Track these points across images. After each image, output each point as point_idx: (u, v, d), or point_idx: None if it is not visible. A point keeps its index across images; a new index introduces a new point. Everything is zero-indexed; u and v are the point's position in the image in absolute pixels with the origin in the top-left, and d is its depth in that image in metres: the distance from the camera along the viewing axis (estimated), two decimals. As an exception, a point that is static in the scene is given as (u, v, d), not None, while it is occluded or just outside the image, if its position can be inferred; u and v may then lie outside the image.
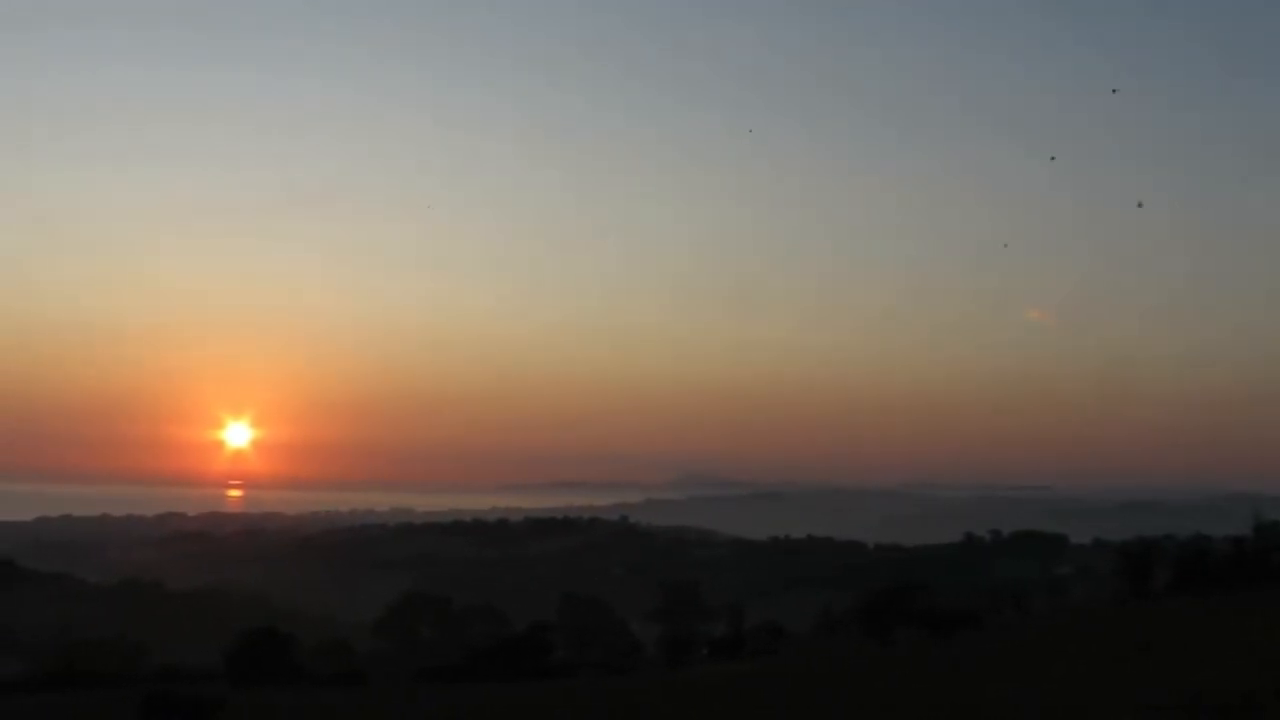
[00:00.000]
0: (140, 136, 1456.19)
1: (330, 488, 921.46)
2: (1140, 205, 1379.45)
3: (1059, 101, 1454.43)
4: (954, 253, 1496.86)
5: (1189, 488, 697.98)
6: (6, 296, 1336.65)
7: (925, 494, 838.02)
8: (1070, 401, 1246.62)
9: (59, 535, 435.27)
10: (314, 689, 69.98)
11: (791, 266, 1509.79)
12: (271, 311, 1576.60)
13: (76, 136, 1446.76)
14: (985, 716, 33.41)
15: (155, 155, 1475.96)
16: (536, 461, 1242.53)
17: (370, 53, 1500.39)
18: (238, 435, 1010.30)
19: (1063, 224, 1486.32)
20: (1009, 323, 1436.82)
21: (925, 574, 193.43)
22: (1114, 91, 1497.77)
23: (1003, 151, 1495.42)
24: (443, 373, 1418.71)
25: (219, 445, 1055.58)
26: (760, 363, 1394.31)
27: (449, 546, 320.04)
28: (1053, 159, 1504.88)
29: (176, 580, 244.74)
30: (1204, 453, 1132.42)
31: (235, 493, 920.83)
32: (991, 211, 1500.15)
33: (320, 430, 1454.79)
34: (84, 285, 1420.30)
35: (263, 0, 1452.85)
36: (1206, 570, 64.50)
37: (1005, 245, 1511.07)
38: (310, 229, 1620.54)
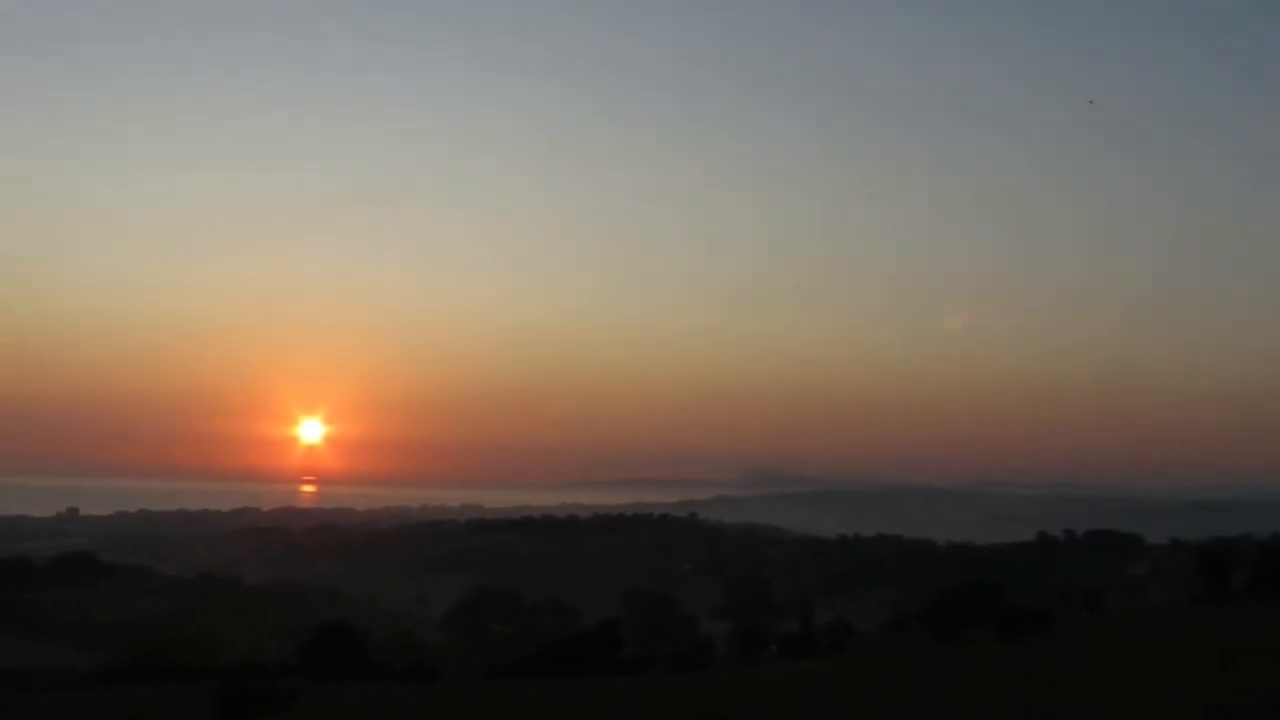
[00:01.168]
0: (213, 135, 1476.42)
1: (401, 484, 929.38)
2: (1091, 102, 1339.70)
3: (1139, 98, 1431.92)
4: (1022, 248, 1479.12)
5: (1267, 486, 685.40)
6: (85, 296, 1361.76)
7: (996, 492, 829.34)
8: (1145, 399, 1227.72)
9: (137, 529, 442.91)
10: (385, 684, 70.66)
11: (859, 263, 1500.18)
12: (344, 308, 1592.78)
13: (150, 136, 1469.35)
14: (1059, 719, 33.04)
15: (227, 153, 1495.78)
16: (605, 459, 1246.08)
17: (433, 50, 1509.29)
18: (311, 431, 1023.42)
19: (1140, 220, 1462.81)
20: (1081, 320, 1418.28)
21: (996, 573, 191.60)
22: (1090, 102, 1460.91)
23: (1068, 148, 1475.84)
24: (514, 370, 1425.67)
25: (293, 441, 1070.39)
26: (830, 359, 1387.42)
27: (518, 543, 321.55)
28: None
29: (251, 574, 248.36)
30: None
31: (308, 488, 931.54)
32: (1065, 210, 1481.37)
33: (392, 427, 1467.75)
34: (161, 284, 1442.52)
35: (325, 1, 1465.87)
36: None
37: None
38: (382, 226, 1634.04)
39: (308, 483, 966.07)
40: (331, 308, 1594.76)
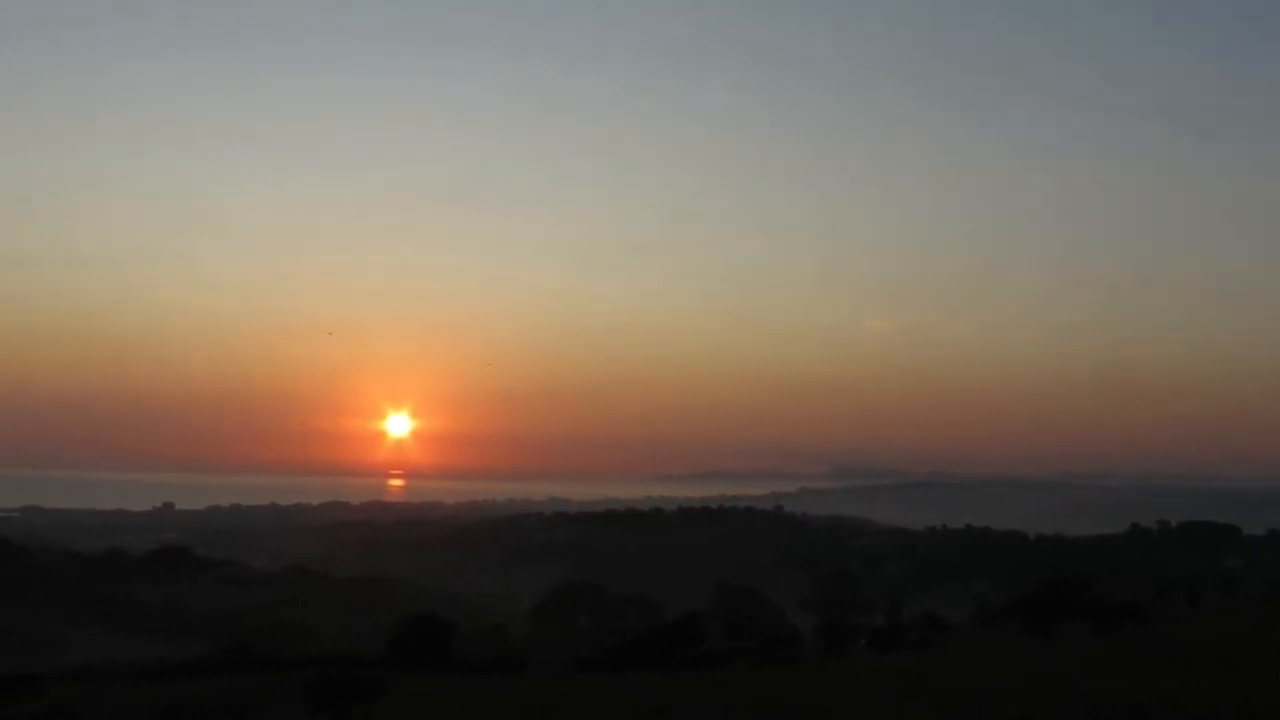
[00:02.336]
0: (299, 136, 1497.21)
1: (487, 477, 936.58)
2: None
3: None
4: (1108, 238, 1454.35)
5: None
6: (180, 295, 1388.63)
7: (1087, 484, 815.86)
8: (1240, 388, 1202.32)
9: (230, 523, 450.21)
10: (472, 675, 70.99)
11: (943, 254, 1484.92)
12: (430, 305, 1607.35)
13: (244, 140, 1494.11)
14: (1154, 713, 32.20)
15: (315, 154, 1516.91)
16: (691, 451, 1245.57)
17: (517, 50, 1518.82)
18: (399, 426, 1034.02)
19: (1230, 213, 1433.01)
20: (1169, 308, 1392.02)
21: (1088, 566, 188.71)
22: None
23: (1167, 136, 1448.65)
24: (599, 363, 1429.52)
25: (381, 436, 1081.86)
26: (917, 351, 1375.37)
27: (603, 536, 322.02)
28: None
29: (340, 567, 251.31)
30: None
31: (396, 482, 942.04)
32: (1160, 201, 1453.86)
33: (478, 421, 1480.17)
34: (253, 283, 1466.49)
35: (411, 5, 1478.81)
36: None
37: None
38: (467, 223, 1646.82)
39: (395, 477, 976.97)
40: (418, 304, 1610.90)
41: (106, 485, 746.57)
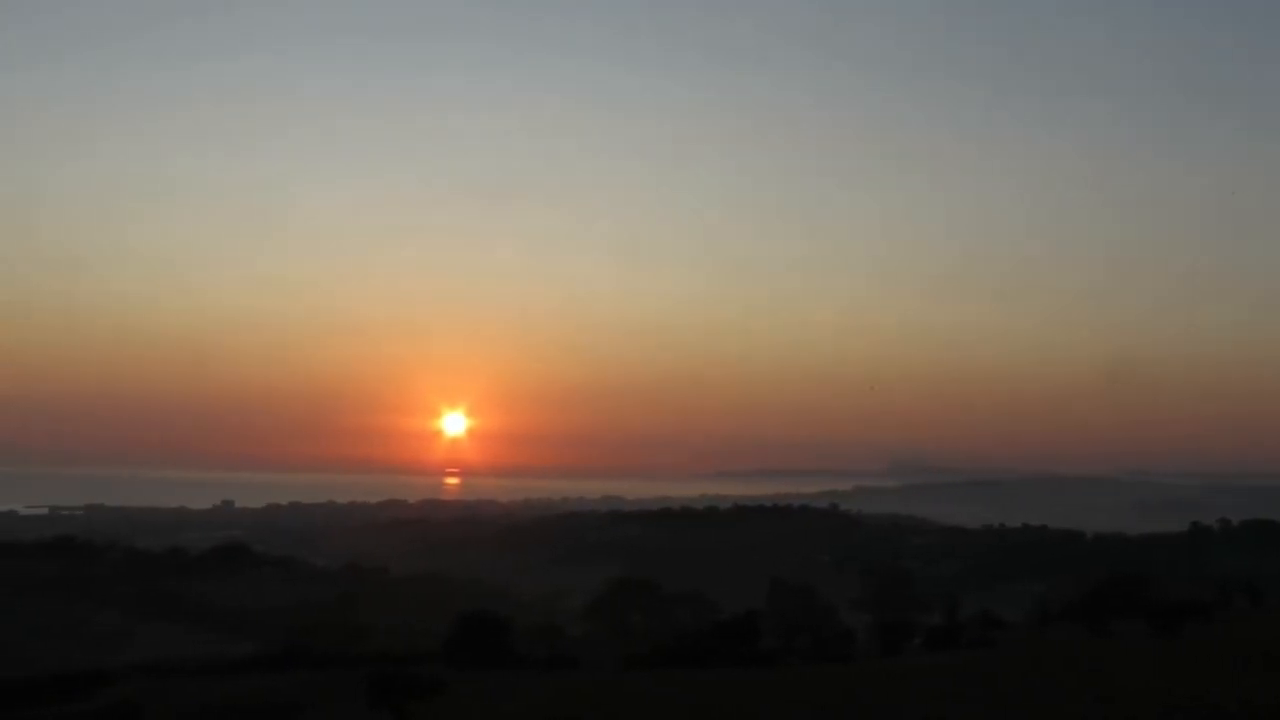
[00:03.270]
0: (358, 136, 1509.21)
1: (543, 476, 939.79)
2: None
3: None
4: (1170, 232, 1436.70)
5: None
6: (240, 295, 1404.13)
7: (1146, 482, 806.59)
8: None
9: (288, 521, 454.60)
10: (527, 672, 71.32)
11: (1002, 249, 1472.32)
12: (485, 303, 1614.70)
13: (300, 138, 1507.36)
14: (1219, 712, 31.85)
15: (370, 153, 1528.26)
16: (746, 449, 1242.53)
17: (573, 47, 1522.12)
18: (455, 424, 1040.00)
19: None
20: (1232, 304, 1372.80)
21: (1148, 565, 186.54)
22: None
23: (1230, 127, 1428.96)
24: (655, 361, 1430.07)
25: (437, 435, 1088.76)
26: (972, 348, 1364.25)
27: (658, 533, 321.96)
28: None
29: (397, 565, 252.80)
30: None
31: (452, 480, 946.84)
32: (1212, 194, 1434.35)
33: (533, 419, 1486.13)
34: (309, 282, 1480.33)
35: (468, 4, 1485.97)
36: None
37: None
38: (523, 220, 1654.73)
39: (451, 475, 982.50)
40: (474, 303, 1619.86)
41: (168, 483, 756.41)
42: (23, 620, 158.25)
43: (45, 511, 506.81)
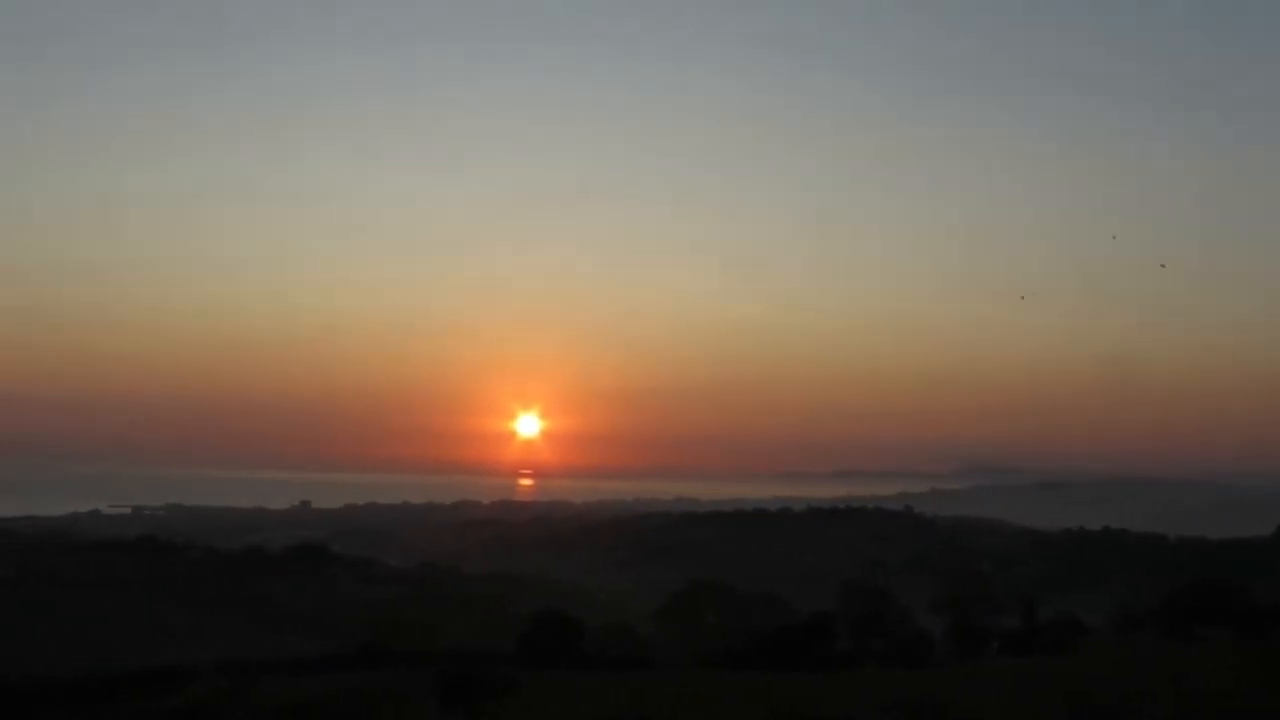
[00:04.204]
0: (435, 140, 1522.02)
1: (615, 476, 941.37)
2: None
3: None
4: (1264, 235, 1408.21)
5: None
6: (317, 297, 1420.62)
7: (1229, 484, 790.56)
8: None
9: (365, 521, 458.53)
10: (601, 672, 71.29)
11: (1071, 251, 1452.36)
12: (561, 305, 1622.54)
13: (380, 142, 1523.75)
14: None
15: (446, 156, 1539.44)
16: (819, 450, 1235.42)
17: (662, 51, 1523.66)
18: (528, 426, 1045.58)
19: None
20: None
21: (1232, 569, 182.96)
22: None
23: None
24: (726, 363, 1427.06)
25: (511, 436, 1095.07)
26: (1048, 348, 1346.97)
27: (731, 535, 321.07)
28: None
29: (471, 565, 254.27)
30: None
31: (526, 481, 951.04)
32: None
33: (606, 421, 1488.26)
34: (385, 284, 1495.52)
35: (556, 6, 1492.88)
36: None
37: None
38: (599, 224, 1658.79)
39: (525, 476, 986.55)
40: (549, 305, 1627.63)
41: (247, 484, 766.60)
42: (106, 618, 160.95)
43: (128, 511, 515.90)
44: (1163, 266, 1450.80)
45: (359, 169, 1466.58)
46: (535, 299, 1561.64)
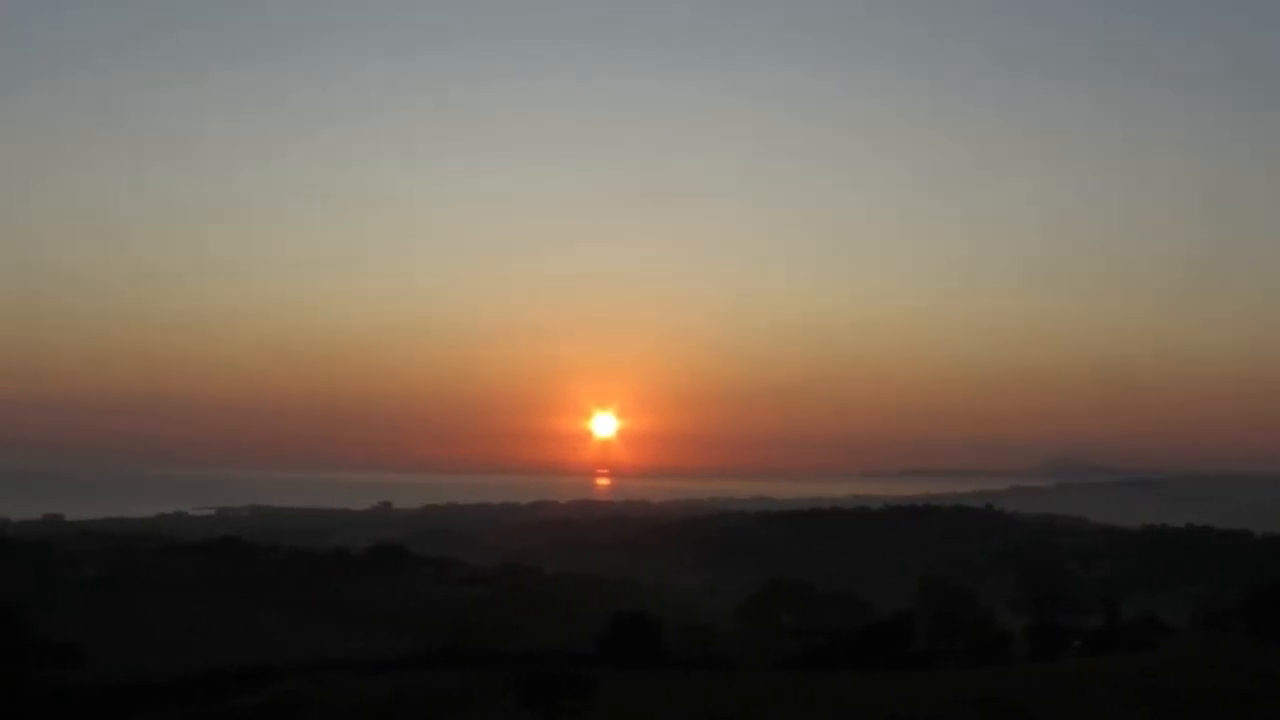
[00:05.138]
0: (512, 138, 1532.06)
1: (692, 476, 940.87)
2: None
3: None
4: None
5: None
6: (398, 299, 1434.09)
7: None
8: None
9: (443, 522, 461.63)
10: (680, 672, 71.51)
11: (1154, 246, 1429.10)
12: (637, 305, 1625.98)
13: (454, 143, 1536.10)
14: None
15: (526, 157, 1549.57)
16: (897, 448, 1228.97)
17: (728, 48, 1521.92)
18: (605, 426, 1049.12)
19: None
20: None
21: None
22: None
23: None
24: (805, 361, 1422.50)
25: (588, 436, 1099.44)
26: (1129, 344, 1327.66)
27: (809, 534, 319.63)
28: None
29: (549, 565, 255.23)
30: None
31: (603, 481, 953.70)
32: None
33: (682, 420, 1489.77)
34: (462, 286, 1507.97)
35: (620, 5, 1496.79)
36: None
37: None
38: (668, 222, 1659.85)
39: (602, 476, 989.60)
40: (625, 305, 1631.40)
41: (329, 485, 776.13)
42: (191, 618, 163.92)
43: (212, 513, 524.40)
44: None
45: (440, 171, 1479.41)
46: (613, 299, 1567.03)
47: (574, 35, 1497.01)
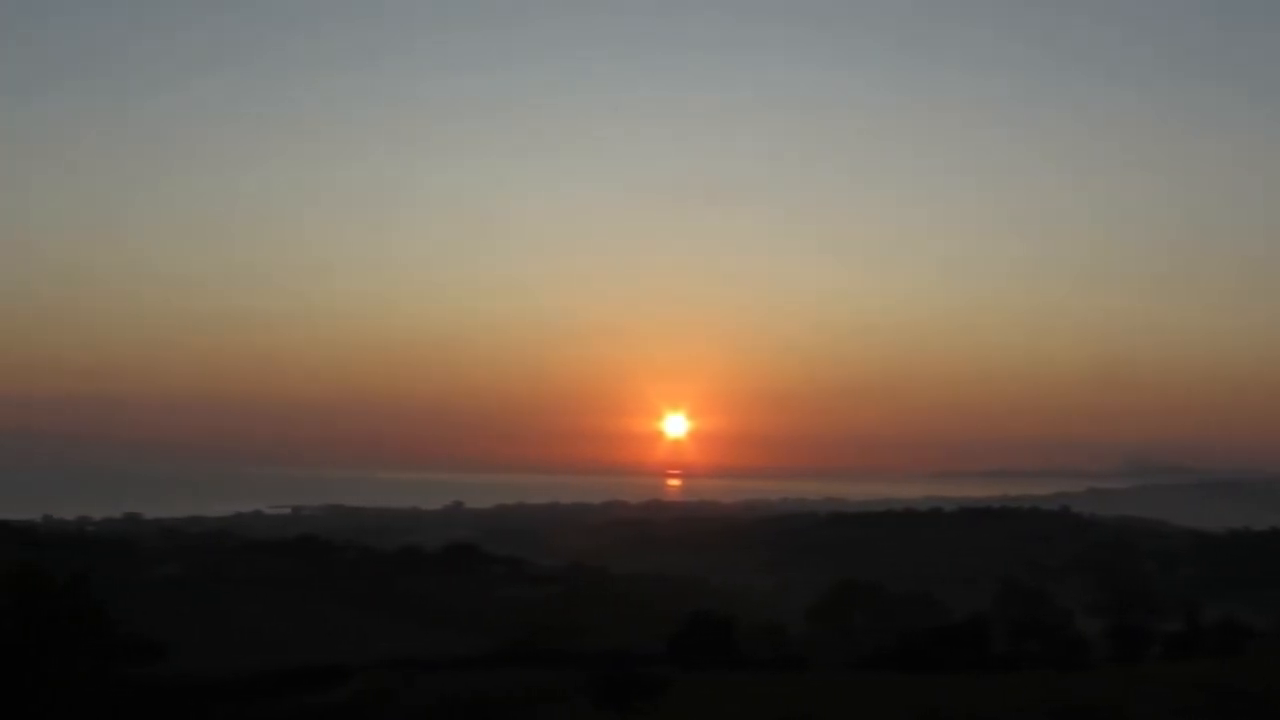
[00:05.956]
0: (579, 134, 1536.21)
1: (764, 476, 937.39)
2: None
3: None
4: None
5: None
6: (468, 299, 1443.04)
7: None
8: None
9: (515, 521, 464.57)
10: (751, 672, 71.34)
11: (1244, 241, 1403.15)
12: (707, 305, 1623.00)
13: (525, 144, 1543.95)
14: None
15: (594, 157, 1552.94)
16: (971, 448, 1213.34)
17: (789, 50, 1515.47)
18: (676, 426, 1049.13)
19: None
20: None
21: None
22: None
23: None
24: (876, 360, 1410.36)
25: (659, 436, 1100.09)
26: (1212, 342, 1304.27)
27: (881, 535, 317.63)
28: None
29: (620, 565, 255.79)
30: None
31: (673, 482, 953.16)
32: None
33: (753, 420, 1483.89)
34: (533, 284, 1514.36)
35: (681, 9, 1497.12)
36: None
37: None
38: (741, 221, 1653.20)
39: (673, 476, 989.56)
40: (695, 305, 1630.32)
41: (402, 484, 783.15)
42: (270, 615, 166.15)
43: (288, 511, 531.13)
44: None
45: (508, 170, 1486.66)
46: (682, 299, 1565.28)
47: (645, 40, 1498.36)
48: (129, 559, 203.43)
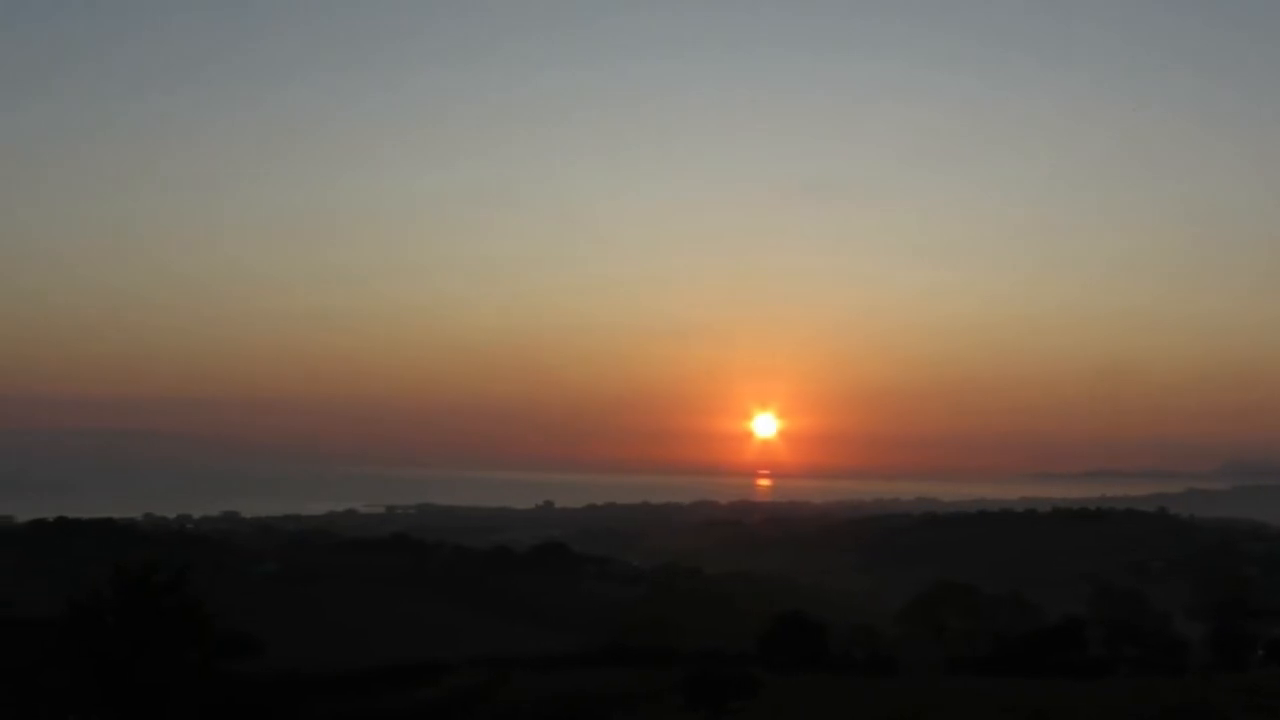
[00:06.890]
0: (669, 141, 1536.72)
1: (855, 476, 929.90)
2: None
3: None
4: None
5: None
6: (560, 299, 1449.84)
7: None
8: None
9: (605, 522, 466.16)
10: (844, 674, 71.08)
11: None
12: (797, 304, 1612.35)
13: (614, 144, 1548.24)
14: None
15: (684, 156, 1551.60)
16: (1066, 449, 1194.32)
17: (879, 48, 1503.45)
18: (766, 426, 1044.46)
19: None
20: None
21: None
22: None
23: None
24: (970, 359, 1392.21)
25: (749, 436, 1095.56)
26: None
27: (974, 536, 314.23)
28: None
29: (710, 565, 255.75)
30: None
31: (764, 481, 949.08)
32: None
33: (844, 420, 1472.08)
34: (626, 286, 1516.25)
35: (774, 6, 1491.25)
36: None
37: None
38: (832, 220, 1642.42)
39: (763, 476, 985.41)
40: (784, 304, 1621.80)
41: (494, 484, 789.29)
42: (365, 611, 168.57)
43: (382, 511, 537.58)
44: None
45: (603, 170, 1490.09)
46: (773, 298, 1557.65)
47: (734, 37, 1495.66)
48: (228, 556, 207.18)
